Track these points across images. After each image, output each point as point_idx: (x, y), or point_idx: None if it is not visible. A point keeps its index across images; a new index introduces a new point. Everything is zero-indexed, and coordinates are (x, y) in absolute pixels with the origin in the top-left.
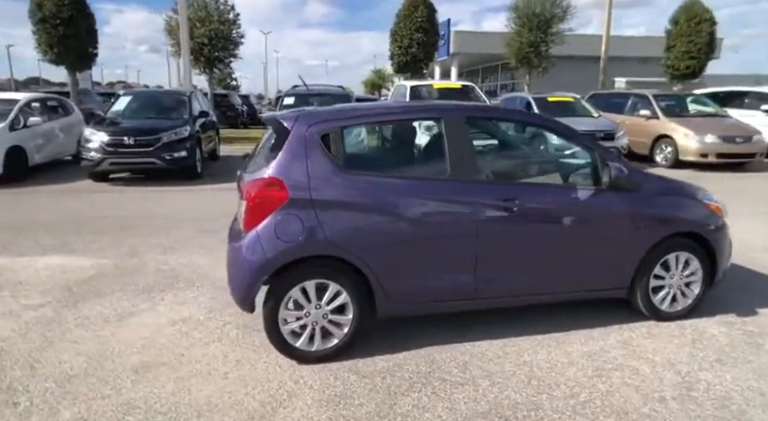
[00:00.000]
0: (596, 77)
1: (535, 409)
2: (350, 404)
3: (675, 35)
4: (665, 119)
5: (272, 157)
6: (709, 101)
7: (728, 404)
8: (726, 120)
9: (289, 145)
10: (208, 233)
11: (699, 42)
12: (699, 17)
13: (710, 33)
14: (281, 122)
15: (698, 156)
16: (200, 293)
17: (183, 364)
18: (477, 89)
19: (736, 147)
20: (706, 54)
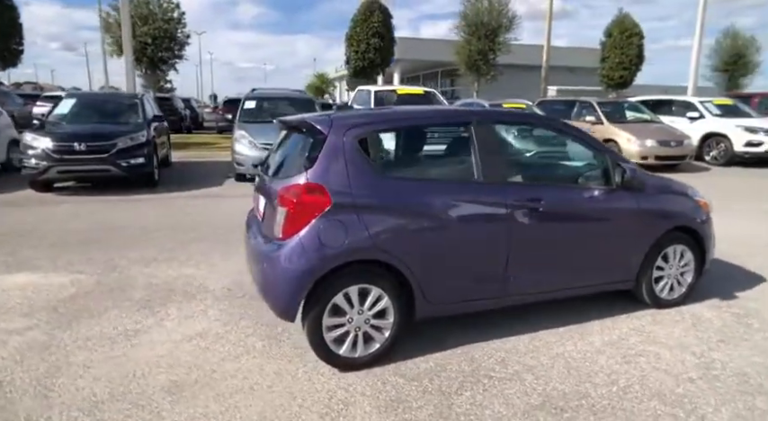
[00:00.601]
0: (535, 85)
1: (584, 397)
2: (409, 407)
3: (609, 47)
4: (608, 124)
5: (307, 162)
6: (644, 108)
7: (747, 379)
8: (660, 126)
9: (327, 150)
10: (189, 243)
11: (630, 54)
12: (629, 31)
13: (639, 46)
14: (315, 127)
15: (639, 159)
16: (207, 306)
17: (219, 381)
18: (439, 95)
19: (671, 150)
20: (636, 65)
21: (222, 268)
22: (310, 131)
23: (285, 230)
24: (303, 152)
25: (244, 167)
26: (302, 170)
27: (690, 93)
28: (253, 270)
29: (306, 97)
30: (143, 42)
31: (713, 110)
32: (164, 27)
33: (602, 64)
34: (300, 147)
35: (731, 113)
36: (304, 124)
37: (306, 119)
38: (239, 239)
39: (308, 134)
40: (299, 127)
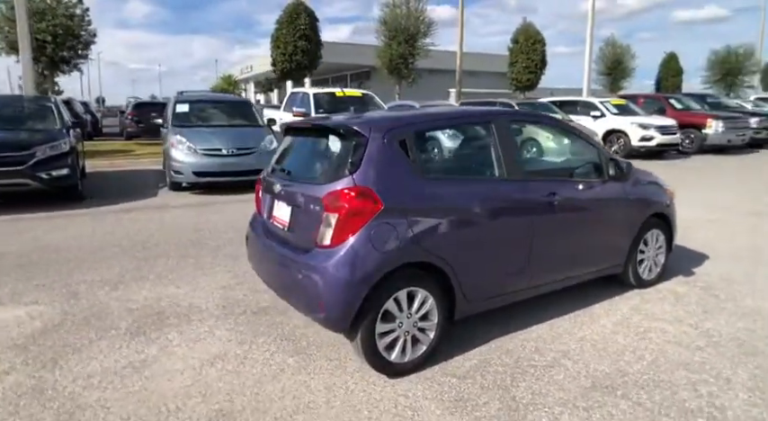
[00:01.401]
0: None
1: (625, 375)
2: (476, 405)
3: (516, 52)
4: None
5: (350, 166)
6: (555, 108)
7: (742, 343)
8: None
9: (370, 152)
10: (152, 261)
11: (535, 59)
12: (533, 38)
13: (542, 52)
14: (354, 129)
15: None
16: (210, 327)
17: (269, 404)
18: (376, 97)
19: None
20: (540, 69)
21: (205, 285)
22: (347, 134)
23: (335, 237)
24: (340, 155)
25: (183, 176)
26: (344, 174)
27: (584, 94)
28: (279, 282)
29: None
30: (41, 40)
31: (612, 109)
32: (65, 23)
33: (510, 68)
34: (334, 150)
35: (626, 112)
36: (341, 126)
37: (346, 122)
38: (210, 253)
39: (344, 136)
40: (332, 129)
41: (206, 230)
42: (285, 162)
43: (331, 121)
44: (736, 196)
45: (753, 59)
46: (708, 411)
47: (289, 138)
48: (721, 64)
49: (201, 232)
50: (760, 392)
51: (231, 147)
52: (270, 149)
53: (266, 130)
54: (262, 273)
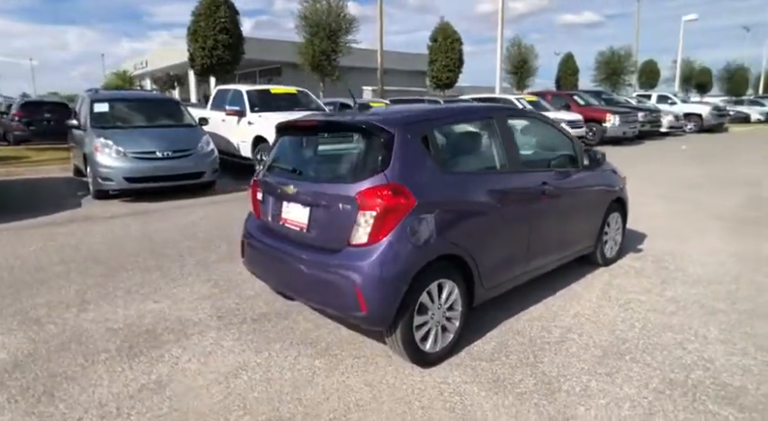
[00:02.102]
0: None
1: (626, 341)
2: (513, 382)
3: (436, 51)
4: None
5: (380, 163)
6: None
7: (703, 305)
8: None
9: (398, 149)
10: (112, 276)
11: (453, 58)
12: (451, 37)
13: (460, 51)
14: (380, 126)
15: None
16: (215, 338)
17: (316, 407)
18: (311, 94)
19: None
20: (458, 67)
21: (186, 296)
22: (371, 131)
23: (372, 235)
24: (365, 153)
25: (112, 182)
26: (375, 171)
27: (497, 92)
28: (299, 285)
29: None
30: None
31: (527, 105)
32: None
33: (430, 66)
34: (357, 148)
35: (538, 108)
36: (364, 124)
37: (370, 120)
38: (174, 263)
39: (367, 134)
40: (354, 127)
41: (159, 240)
42: (290, 162)
43: (351, 119)
44: (641, 181)
45: (630, 60)
46: (701, 364)
47: (287, 138)
48: (606, 64)
49: (155, 242)
50: (732, 344)
51: (166, 150)
52: (207, 151)
53: (201, 131)
54: (271, 277)
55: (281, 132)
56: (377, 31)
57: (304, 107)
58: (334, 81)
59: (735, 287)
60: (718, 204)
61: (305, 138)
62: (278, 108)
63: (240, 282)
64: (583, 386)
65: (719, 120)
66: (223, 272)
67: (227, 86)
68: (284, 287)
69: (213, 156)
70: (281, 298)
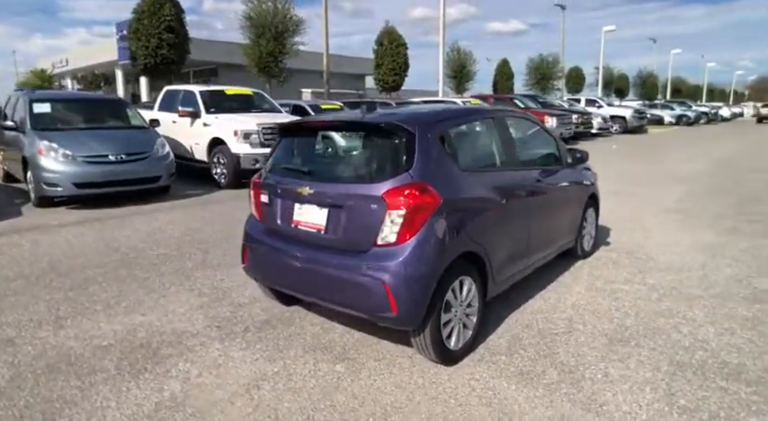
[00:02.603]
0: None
1: (626, 329)
2: (538, 374)
3: (382, 55)
4: None
5: (404, 162)
6: None
7: (681, 292)
8: None
9: (421, 148)
10: (83, 290)
11: (399, 62)
12: (397, 41)
13: (405, 55)
14: (402, 126)
15: None
16: (221, 350)
17: (353, 412)
18: (267, 95)
19: None
20: (404, 71)
21: (175, 308)
22: (392, 131)
23: (401, 235)
24: (386, 153)
25: (59, 189)
26: (400, 171)
27: (440, 95)
28: (320, 287)
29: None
30: None
31: None
32: None
33: (376, 70)
34: (377, 148)
35: None
36: (384, 123)
37: (384, 118)
38: (151, 273)
39: (387, 134)
40: (373, 127)
41: (124, 249)
42: (301, 162)
43: (370, 119)
44: None
45: (558, 67)
46: (699, 345)
47: (295, 138)
48: (537, 70)
49: (120, 251)
50: (719, 325)
51: (119, 153)
52: (163, 153)
53: (155, 133)
54: (284, 281)
55: (286, 132)
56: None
57: (260, 109)
58: (281, 83)
59: (703, 273)
60: (663, 199)
61: (319, 139)
62: (233, 109)
63: (227, 290)
64: (603, 373)
65: (640, 122)
66: (206, 280)
67: (176, 87)
68: (300, 291)
69: (169, 159)
70: (279, 304)
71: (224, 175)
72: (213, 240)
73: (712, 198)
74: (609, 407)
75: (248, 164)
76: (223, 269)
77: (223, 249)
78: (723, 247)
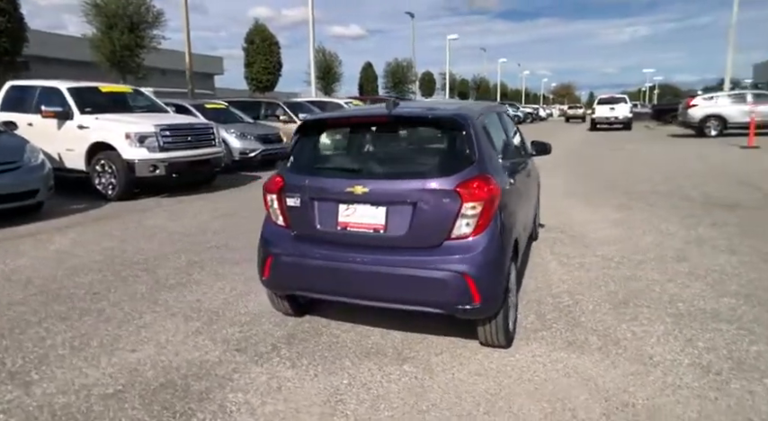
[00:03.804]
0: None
1: (617, 294)
2: (584, 341)
3: (253, 53)
4: None
5: (462, 155)
6: (316, 109)
7: (623, 259)
8: None
9: (477, 141)
10: (28, 330)
11: (273, 60)
12: (270, 40)
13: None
14: (456, 119)
15: None
16: (262, 371)
17: (458, 406)
18: (148, 93)
19: None
20: (278, 70)
21: (168, 337)
22: (447, 124)
23: (478, 226)
24: (445, 146)
25: None
26: (465, 164)
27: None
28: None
29: None
30: None
31: None
32: None
33: (248, 69)
34: (433, 142)
35: None
36: (440, 117)
37: (439, 113)
38: (99, 304)
39: (441, 127)
40: (429, 121)
41: (37, 281)
42: (345, 160)
43: (426, 113)
44: None
45: (412, 71)
46: (675, 298)
47: (321, 136)
48: (393, 74)
49: (34, 284)
50: (677, 281)
51: None
52: (38, 162)
53: (22, 138)
54: (333, 288)
55: (312, 130)
56: (180, 28)
57: (142, 108)
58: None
59: (633, 243)
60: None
61: (365, 134)
62: (112, 109)
63: (215, 310)
64: (630, 332)
65: None
66: (178, 302)
67: (27, 82)
68: (358, 295)
69: (46, 169)
70: (286, 316)
71: (111, 186)
72: (149, 259)
73: (586, 181)
74: (657, 359)
75: (145, 171)
76: (189, 288)
77: (171, 268)
78: (629, 221)
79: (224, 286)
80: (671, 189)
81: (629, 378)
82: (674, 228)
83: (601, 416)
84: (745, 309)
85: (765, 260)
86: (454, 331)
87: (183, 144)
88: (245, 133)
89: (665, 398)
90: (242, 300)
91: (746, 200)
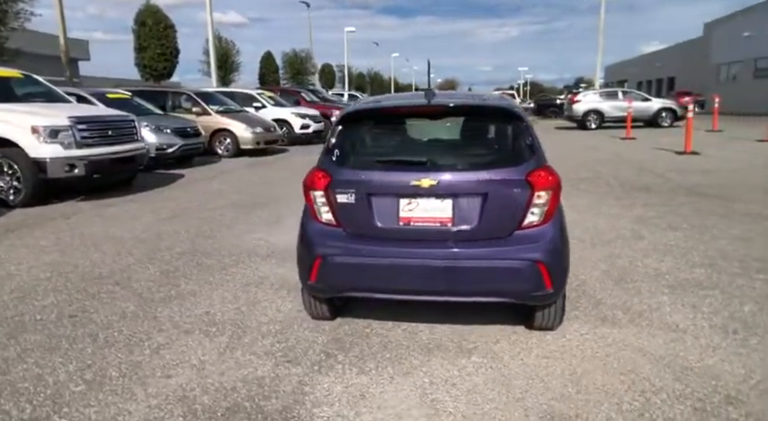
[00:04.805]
0: None
1: (615, 272)
2: (613, 316)
3: (145, 37)
4: (216, 115)
5: (524, 145)
6: (228, 99)
7: (627, 258)
8: (252, 115)
9: (532, 132)
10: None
11: (169, 46)
12: (164, 22)
13: (175, 38)
14: (512, 110)
15: (255, 145)
16: (336, 380)
17: (563, 388)
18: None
19: (271, 135)
20: (175, 56)
21: (200, 357)
22: (506, 115)
23: (546, 214)
24: (506, 136)
25: None
26: (529, 153)
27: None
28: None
29: None
30: None
31: (269, 101)
32: None
33: (139, 54)
34: (499, 132)
35: (279, 104)
36: (499, 108)
37: (497, 103)
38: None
39: (507, 117)
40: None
41: None
42: (406, 152)
43: (484, 103)
44: None
45: (311, 63)
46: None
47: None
48: (291, 65)
49: None
50: (660, 256)
51: None
52: None
53: None
54: (404, 284)
55: (357, 122)
56: None
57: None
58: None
59: (592, 225)
60: None
61: (417, 125)
62: None
63: (235, 321)
64: (645, 305)
65: None
66: (185, 317)
67: None
68: (425, 291)
69: None
70: (316, 321)
71: (14, 190)
72: (114, 271)
73: None
74: (682, 326)
75: (60, 171)
76: (188, 300)
77: (147, 280)
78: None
79: (225, 295)
80: (593, 175)
81: (672, 344)
82: (616, 210)
83: (674, 382)
84: (717, 276)
85: (702, 233)
86: (495, 318)
87: (103, 139)
88: (160, 126)
89: (712, 359)
90: (255, 308)
91: (654, 183)
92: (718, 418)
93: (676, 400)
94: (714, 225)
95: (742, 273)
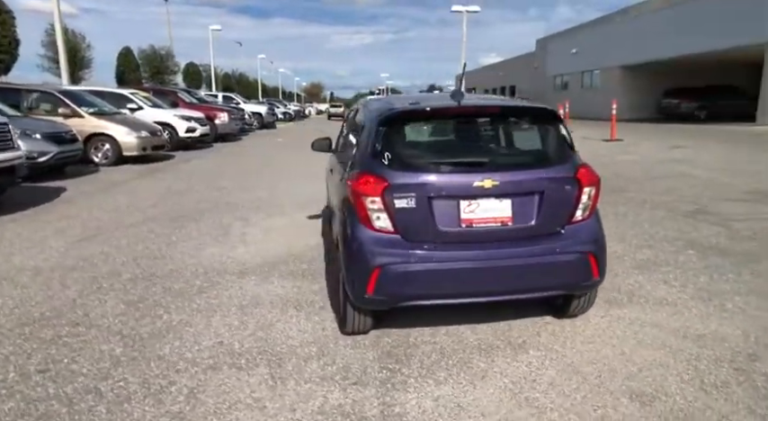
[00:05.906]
0: None
1: None
2: (617, 299)
3: None
4: (92, 117)
5: (566, 144)
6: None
7: None
8: (133, 118)
9: (568, 131)
10: None
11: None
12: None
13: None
14: (550, 111)
15: (140, 150)
16: (415, 388)
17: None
18: None
19: (157, 139)
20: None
21: (260, 387)
22: (548, 115)
23: (591, 208)
24: (551, 136)
25: None
26: (572, 151)
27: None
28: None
29: None
30: None
31: (146, 102)
32: None
33: None
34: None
35: (157, 105)
36: (542, 108)
37: (536, 104)
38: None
39: (548, 118)
40: (535, 111)
41: None
42: (463, 153)
43: (523, 105)
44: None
45: (173, 61)
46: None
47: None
48: (150, 63)
49: None
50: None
51: None
52: None
53: None
54: (466, 287)
55: (410, 122)
56: None
57: None
58: None
59: None
60: None
61: (464, 126)
62: None
63: (262, 350)
64: (627, 284)
65: (272, 118)
66: (199, 352)
67: None
68: (486, 292)
69: None
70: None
71: None
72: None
73: None
74: (670, 299)
75: None
76: (184, 332)
77: (112, 315)
78: None
79: (227, 321)
80: None
81: (675, 317)
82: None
83: (701, 348)
84: (663, 255)
85: (623, 219)
86: (521, 312)
87: None
88: (27, 131)
89: (713, 325)
90: (272, 331)
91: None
92: (757, 374)
93: (716, 365)
94: (625, 212)
95: (676, 251)
